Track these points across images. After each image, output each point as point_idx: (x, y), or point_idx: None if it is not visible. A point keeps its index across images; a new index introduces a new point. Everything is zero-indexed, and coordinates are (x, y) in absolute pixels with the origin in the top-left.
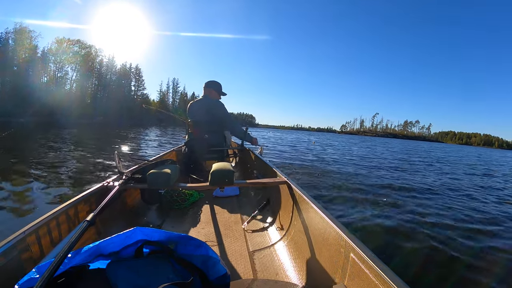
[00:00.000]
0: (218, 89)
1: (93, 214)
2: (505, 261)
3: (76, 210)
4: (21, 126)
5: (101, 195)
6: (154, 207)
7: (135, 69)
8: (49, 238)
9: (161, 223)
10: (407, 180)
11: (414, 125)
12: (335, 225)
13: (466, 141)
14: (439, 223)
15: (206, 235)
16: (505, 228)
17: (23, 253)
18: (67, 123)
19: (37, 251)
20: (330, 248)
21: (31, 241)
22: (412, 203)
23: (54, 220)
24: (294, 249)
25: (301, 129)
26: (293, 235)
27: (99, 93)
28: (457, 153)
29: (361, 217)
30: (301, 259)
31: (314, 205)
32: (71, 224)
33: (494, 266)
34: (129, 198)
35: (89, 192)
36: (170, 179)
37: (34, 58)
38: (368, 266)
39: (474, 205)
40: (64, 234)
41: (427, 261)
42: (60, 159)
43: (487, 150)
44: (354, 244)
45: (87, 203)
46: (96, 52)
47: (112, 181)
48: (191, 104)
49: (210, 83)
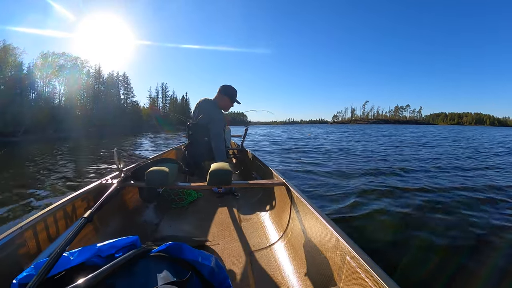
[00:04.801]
0: (230, 94)
1: (91, 211)
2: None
3: (74, 207)
4: (15, 145)
5: (99, 192)
6: (152, 206)
7: (123, 77)
8: (46, 233)
9: (158, 222)
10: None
11: (405, 109)
12: (332, 228)
13: (457, 121)
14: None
15: (204, 234)
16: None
17: (20, 248)
18: (59, 138)
19: (34, 246)
20: (327, 251)
21: (28, 236)
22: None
23: (51, 216)
24: (291, 250)
25: (293, 123)
26: (290, 237)
27: (88, 105)
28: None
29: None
30: (298, 261)
31: (312, 207)
32: (68, 220)
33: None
34: (127, 196)
35: (87, 189)
36: (169, 178)
37: (20, 75)
38: (364, 269)
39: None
40: (61, 230)
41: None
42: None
43: (482, 128)
44: (350, 247)
45: (85, 200)
46: (83, 64)
47: (110, 178)
48: (196, 106)
49: (224, 87)
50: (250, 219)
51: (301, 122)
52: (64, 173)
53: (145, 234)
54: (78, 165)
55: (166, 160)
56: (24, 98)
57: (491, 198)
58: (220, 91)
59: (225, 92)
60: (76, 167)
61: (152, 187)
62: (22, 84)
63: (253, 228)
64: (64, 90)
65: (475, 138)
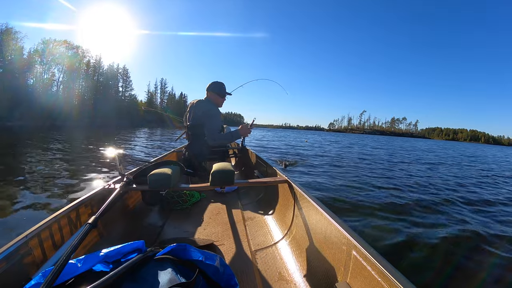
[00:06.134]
0: (217, 90)
1: (95, 216)
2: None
3: (77, 213)
4: (9, 130)
5: (102, 198)
6: (155, 209)
7: (123, 70)
8: (52, 241)
9: (162, 225)
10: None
11: (401, 122)
12: (336, 223)
13: (452, 137)
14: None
15: (208, 235)
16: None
17: (26, 257)
18: (53, 126)
19: (39, 254)
20: (332, 246)
21: (33, 245)
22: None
23: (56, 223)
24: (296, 247)
25: (289, 127)
26: (295, 234)
27: (86, 95)
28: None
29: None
30: (304, 258)
31: (315, 203)
32: (73, 227)
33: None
34: (131, 200)
35: (90, 195)
36: (171, 180)
37: (20, 59)
38: (371, 263)
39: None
40: (66, 237)
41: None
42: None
43: (479, 146)
44: (356, 241)
45: (88, 206)
46: (83, 53)
47: (113, 183)
48: (189, 108)
49: (209, 85)
50: (254, 217)
51: (297, 128)
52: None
53: (150, 237)
54: (62, 166)
55: (167, 163)
56: (22, 83)
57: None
58: (207, 90)
59: (213, 89)
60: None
61: (155, 190)
62: (21, 69)
63: (258, 226)
64: (63, 78)
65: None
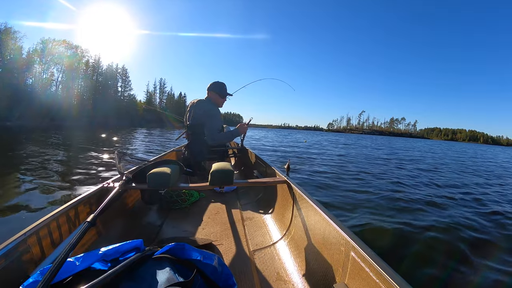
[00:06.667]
0: (218, 90)
1: (94, 215)
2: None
3: (76, 211)
4: (8, 130)
5: (101, 196)
6: (154, 208)
7: (122, 70)
8: (50, 239)
9: (161, 224)
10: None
11: (400, 122)
12: (335, 224)
13: (451, 137)
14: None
15: (207, 235)
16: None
17: (24, 255)
18: (52, 126)
19: (38, 252)
20: (331, 247)
21: (32, 243)
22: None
23: (54, 221)
24: (295, 248)
25: (288, 127)
26: (293, 234)
27: (85, 95)
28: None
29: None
30: (302, 258)
31: (314, 204)
32: (71, 225)
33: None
34: (130, 199)
35: (89, 193)
36: (170, 179)
37: (19, 59)
38: (369, 264)
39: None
40: (64, 235)
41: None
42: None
43: (477, 146)
44: (355, 242)
45: (87, 204)
46: (83, 53)
47: (112, 182)
48: (189, 107)
49: (210, 84)
50: (253, 217)
51: (296, 128)
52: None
53: (148, 236)
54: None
55: (167, 162)
56: (21, 82)
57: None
58: (208, 90)
59: (213, 89)
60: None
61: (154, 189)
62: (20, 69)
63: (256, 226)
64: (62, 78)
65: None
